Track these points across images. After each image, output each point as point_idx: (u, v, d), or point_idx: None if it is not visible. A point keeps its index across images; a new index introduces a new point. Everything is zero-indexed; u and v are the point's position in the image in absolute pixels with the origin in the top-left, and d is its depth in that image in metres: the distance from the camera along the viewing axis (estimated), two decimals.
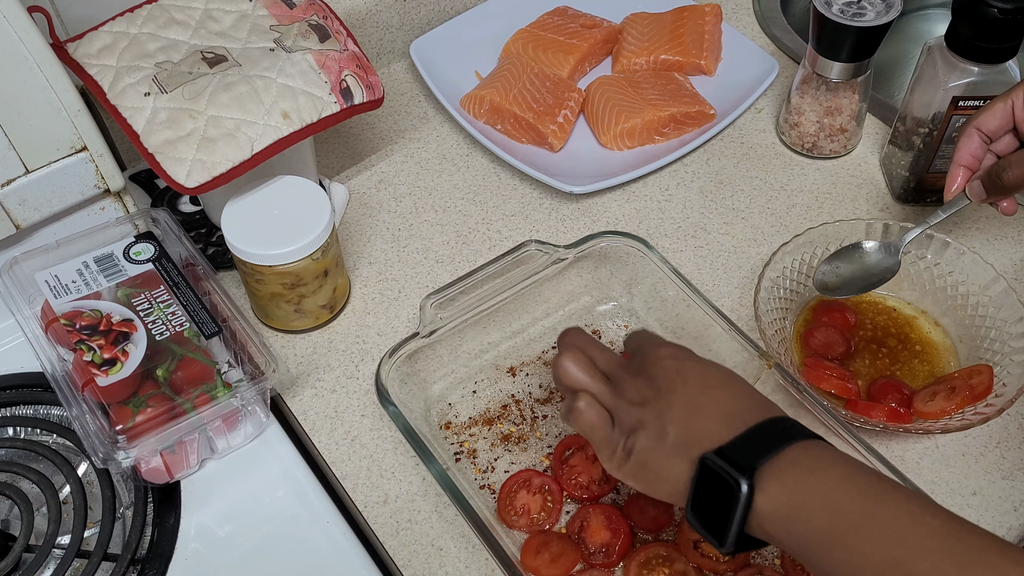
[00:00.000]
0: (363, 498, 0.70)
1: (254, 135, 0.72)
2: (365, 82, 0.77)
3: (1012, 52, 0.76)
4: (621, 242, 0.77)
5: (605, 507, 0.67)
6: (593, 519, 0.67)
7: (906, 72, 1.19)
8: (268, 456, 0.72)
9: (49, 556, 0.64)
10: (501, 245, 0.86)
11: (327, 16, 0.79)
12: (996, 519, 0.68)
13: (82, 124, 0.72)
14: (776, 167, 0.92)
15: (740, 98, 0.95)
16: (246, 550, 0.67)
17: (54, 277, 0.72)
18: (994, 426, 0.73)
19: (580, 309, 0.80)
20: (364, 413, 0.75)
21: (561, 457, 0.70)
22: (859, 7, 0.82)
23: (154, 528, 0.68)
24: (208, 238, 0.85)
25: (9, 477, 0.69)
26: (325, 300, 0.78)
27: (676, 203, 0.89)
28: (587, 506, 0.67)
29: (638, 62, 0.98)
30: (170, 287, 0.72)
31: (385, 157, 0.94)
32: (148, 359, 0.68)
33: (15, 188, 0.72)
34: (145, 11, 0.77)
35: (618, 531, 0.66)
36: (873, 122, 0.96)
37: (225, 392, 0.67)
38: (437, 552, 0.67)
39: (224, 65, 0.74)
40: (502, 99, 0.91)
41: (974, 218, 0.86)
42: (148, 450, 0.65)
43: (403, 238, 0.87)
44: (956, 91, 0.78)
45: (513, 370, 0.77)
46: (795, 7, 1.13)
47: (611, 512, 0.67)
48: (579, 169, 0.90)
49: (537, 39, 0.99)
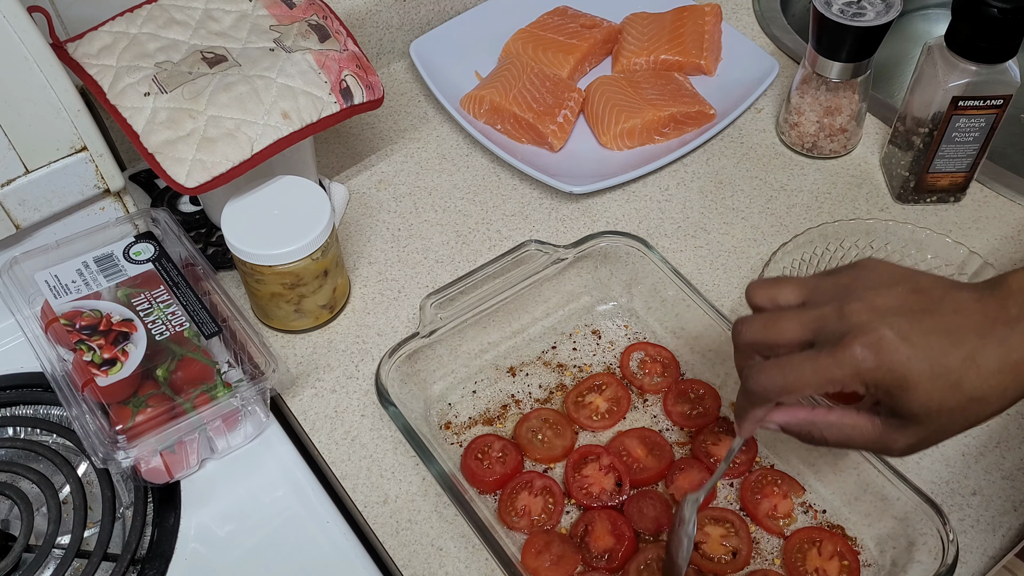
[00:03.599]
0: (363, 498, 0.70)
1: (254, 135, 0.72)
2: (365, 82, 0.77)
3: (1012, 52, 0.76)
4: (621, 242, 0.77)
5: (610, 512, 0.67)
6: (598, 524, 0.66)
7: (906, 72, 1.19)
8: (268, 456, 0.72)
9: (49, 556, 0.64)
10: (501, 245, 0.86)
11: (327, 16, 0.79)
12: (996, 519, 0.68)
13: (82, 124, 0.72)
14: (776, 167, 0.92)
15: (740, 98, 0.95)
16: (246, 550, 0.67)
17: (54, 277, 0.72)
18: (994, 426, 0.73)
19: (580, 309, 0.80)
20: (364, 413, 0.75)
21: (576, 464, 0.70)
22: (859, 7, 0.82)
23: (154, 528, 0.68)
24: (208, 238, 0.85)
25: (9, 477, 0.69)
26: (325, 300, 0.78)
27: (676, 203, 0.89)
28: (592, 510, 0.67)
29: (638, 62, 0.98)
30: (170, 287, 0.72)
31: (385, 157, 0.94)
32: (148, 359, 0.68)
33: (15, 188, 0.72)
34: (145, 11, 0.77)
35: (622, 537, 0.65)
36: (873, 122, 0.96)
37: (225, 392, 0.67)
38: (437, 552, 0.67)
39: (224, 65, 0.74)
40: (502, 99, 0.91)
41: (974, 217, 0.86)
42: (148, 450, 0.65)
43: (403, 238, 0.87)
44: (956, 91, 0.78)
45: (513, 370, 0.77)
46: (795, 7, 1.13)
47: (616, 518, 0.67)
48: (579, 169, 0.90)
49: (537, 39, 0.99)
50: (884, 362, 0.49)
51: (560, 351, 0.78)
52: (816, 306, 0.53)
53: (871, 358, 0.49)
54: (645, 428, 0.73)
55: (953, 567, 0.59)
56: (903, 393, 0.49)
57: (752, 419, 0.56)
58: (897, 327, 0.49)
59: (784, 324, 0.53)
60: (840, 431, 0.54)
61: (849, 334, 0.50)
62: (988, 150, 0.84)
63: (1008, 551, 0.68)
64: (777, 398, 0.53)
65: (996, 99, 0.78)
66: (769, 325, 0.54)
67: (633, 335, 0.79)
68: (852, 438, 0.54)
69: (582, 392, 0.74)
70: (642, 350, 0.77)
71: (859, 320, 0.50)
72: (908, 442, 0.52)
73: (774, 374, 0.52)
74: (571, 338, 0.79)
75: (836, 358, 0.50)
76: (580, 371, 0.77)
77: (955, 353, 0.49)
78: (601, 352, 0.78)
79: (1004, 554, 0.68)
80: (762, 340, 0.54)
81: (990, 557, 0.67)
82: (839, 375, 0.50)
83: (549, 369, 0.77)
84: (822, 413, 0.55)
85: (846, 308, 0.51)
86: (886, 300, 0.51)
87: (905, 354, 0.49)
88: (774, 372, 0.52)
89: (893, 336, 0.49)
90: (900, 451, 0.53)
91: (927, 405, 0.49)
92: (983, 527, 0.68)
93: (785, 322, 0.53)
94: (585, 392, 0.74)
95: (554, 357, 0.78)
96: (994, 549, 0.67)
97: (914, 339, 0.49)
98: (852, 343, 0.49)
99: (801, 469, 0.69)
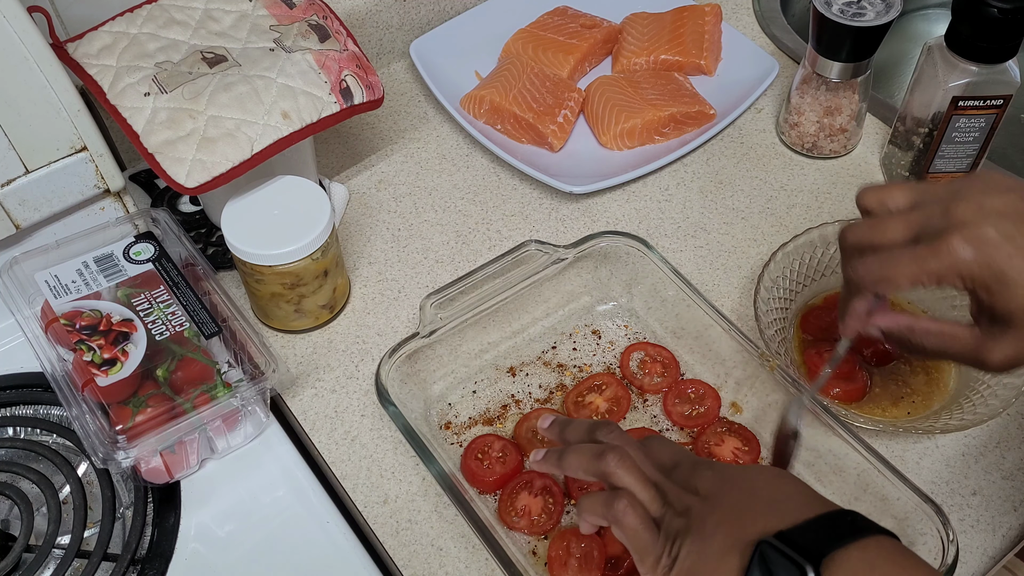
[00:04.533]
0: (363, 498, 0.70)
1: (254, 135, 0.72)
2: (365, 82, 0.77)
3: (1012, 52, 0.76)
4: (621, 242, 0.77)
5: None
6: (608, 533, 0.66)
7: (906, 72, 1.19)
8: (268, 456, 0.72)
9: (49, 556, 0.64)
10: (501, 245, 0.86)
11: (327, 16, 0.79)
12: (996, 519, 0.68)
13: (82, 124, 0.72)
14: (776, 167, 0.92)
15: (740, 98, 0.95)
16: (246, 550, 0.67)
17: (54, 277, 0.72)
18: (994, 426, 0.73)
19: (580, 309, 0.80)
20: (364, 413, 0.75)
21: None
22: (859, 7, 0.82)
23: (154, 528, 0.68)
24: (208, 238, 0.85)
25: (9, 477, 0.69)
26: (325, 300, 0.78)
27: (676, 203, 0.89)
28: None
29: (638, 62, 0.98)
30: (170, 287, 0.72)
31: (385, 157, 0.94)
32: (148, 359, 0.68)
33: (15, 188, 0.72)
34: (145, 11, 0.77)
35: None
36: (873, 122, 0.96)
37: (225, 392, 0.67)
38: (437, 552, 0.67)
39: (224, 65, 0.74)
40: (502, 99, 0.91)
41: None
42: (148, 450, 0.65)
43: (403, 238, 0.87)
44: (956, 91, 0.78)
45: (513, 370, 0.77)
46: (795, 7, 1.13)
47: None
48: (579, 169, 0.90)
49: (537, 39, 0.99)
50: (984, 257, 0.49)
51: (560, 351, 0.78)
52: (923, 207, 0.53)
53: (970, 252, 0.49)
54: (645, 428, 0.73)
55: (953, 567, 0.59)
56: (1002, 289, 0.49)
57: (854, 314, 0.57)
58: (1001, 227, 0.49)
59: (890, 224, 0.53)
60: (939, 339, 0.54)
61: (951, 228, 0.50)
62: (988, 150, 0.84)
63: (1008, 551, 0.68)
64: (876, 288, 0.53)
65: (996, 99, 0.78)
66: (875, 226, 0.54)
67: (633, 335, 0.79)
68: (949, 347, 0.54)
69: (582, 392, 0.74)
70: (642, 350, 0.77)
71: (964, 218, 0.50)
72: (1005, 353, 0.52)
73: (873, 265, 0.53)
74: (571, 338, 0.79)
75: (935, 249, 0.50)
76: (580, 371, 0.77)
77: None
78: (601, 352, 0.78)
79: (1004, 554, 0.68)
80: (867, 241, 0.54)
81: (990, 557, 0.67)
82: (936, 267, 0.50)
83: (549, 369, 0.77)
84: (924, 320, 0.55)
85: (952, 207, 0.51)
86: (994, 203, 0.50)
87: (1007, 252, 0.49)
88: (873, 263, 0.53)
89: (996, 234, 0.49)
90: (996, 364, 0.53)
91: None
92: (983, 527, 0.68)
93: (891, 223, 0.53)
94: (585, 392, 0.74)
95: (554, 357, 0.78)
96: (994, 549, 0.67)
97: (1019, 240, 0.49)
98: (952, 236, 0.49)
99: (801, 470, 0.69)
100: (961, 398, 0.71)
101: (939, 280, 0.51)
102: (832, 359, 0.63)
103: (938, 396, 0.73)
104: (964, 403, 0.70)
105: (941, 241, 0.50)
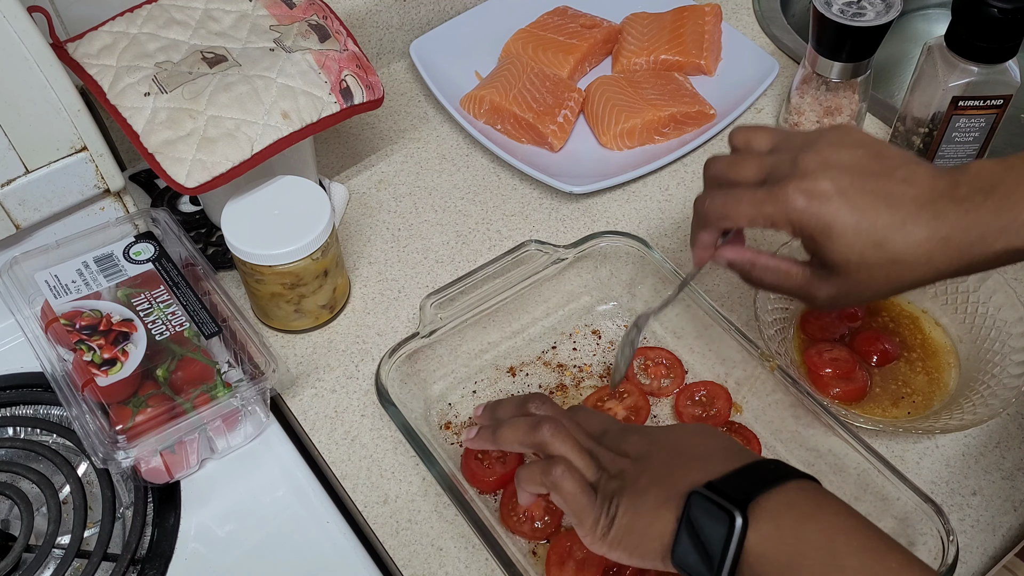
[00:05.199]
0: (363, 498, 0.70)
1: (254, 135, 0.72)
2: (365, 82, 0.77)
3: (1012, 52, 0.76)
4: (621, 242, 0.77)
5: None
6: None
7: (906, 72, 1.19)
8: (268, 456, 0.72)
9: (49, 556, 0.64)
10: (501, 245, 0.86)
11: (327, 16, 0.79)
12: (996, 519, 0.68)
13: (82, 124, 0.72)
14: None
15: (740, 98, 0.95)
16: (246, 550, 0.67)
17: (54, 277, 0.72)
18: (994, 426, 0.73)
19: (580, 309, 0.80)
20: (364, 413, 0.75)
21: None
22: (859, 7, 0.82)
23: (154, 528, 0.68)
24: (208, 238, 0.85)
25: (9, 477, 0.69)
26: (325, 300, 0.78)
27: (676, 203, 0.89)
28: None
29: (638, 62, 0.98)
30: (170, 287, 0.72)
31: (385, 157, 0.94)
32: (148, 359, 0.68)
33: (15, 188, 0.72)
34: (145, 11, 0.77)
35: None
36: (873, 122, 0.96)
37: (225, 392, 0.67)
38: (437, 552, 0.67)
39: (224, 65, 0.74)
40: (502, 99, 0.91)
41: None
42: (148, 450, 0.65)
43: (403, 238, 0.87)
44: (956, 91, 0.78)
45: (513, 370, 0.77)
46: (795, 7, 1.13)
47: None
48: (579, 169, 0.90)
49: (537, 39, 0.99)
50: (813, 208, 0.52)
51: (560, 351, 0.78)
52: (779, 152, 0.56)
53: (802, 201, 0.53)
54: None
55: (953, 567, 0.59)
56: (826, 240, 0.53)
57: (701, 244, 0.60)
58: (837, 181, 0.52)
59: (745, 163, 0.57)
60: (775, 275, 0.59)
61: (791, 176, 0.53)
62: (988, 150, 0.84)
63: (1008, 551, 0.68)
64: (717, 223, 0.58)
65: (996, 99, 0.78)
66: (732, 163, 0.58)
67: None
68: (783, 282, 0.58)
69: (602, 398, 0.74)
70: (641, 356, 0.76)
71: (806, 168, 0.53)
72: (829, 293, 0.56)
73: (717, 199, 0.57)
74: (571, 338, 0.79)
75: (773, 194, 0.54)
76: (580, 371, 0.77)
77: (887, 215, 0.52)
78: (601, 352, 0.78)
79: (1004, 554, 0.68)
80: (724, 176, 0.58)
81: (990, 557, 0.67)
82: (769, 211, 0.54)
83: (549, 369, 0.77)
84: (764, 256, 0.59)
85: (800, 156, 0.54)
86: (840, 156, 0.54)
87: (835, 205, 0.52)
88: (718, 198, 0.57)
89: (830, 186, 0.52)
90: (822, 302, 0.56)
91: (847, 256, 0.53)
92: (983, 527, 0.68)
93: (747, 162, 0.57)
94: (606, 399, 0.74)
95: (554, 357, 0.78)
96: (994, 549, 0.67)
97: (850, 194, 0.52)
98: (789, 184, 0.53)
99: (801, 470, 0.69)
100: (961, 398, 0.71)
101: (772, 224, 0.55)
102: (682, 282, 0.66)
103: (938, 396, 0.73)
104: (964, 403, 0.71)
105: (779, 188, 0.54)
